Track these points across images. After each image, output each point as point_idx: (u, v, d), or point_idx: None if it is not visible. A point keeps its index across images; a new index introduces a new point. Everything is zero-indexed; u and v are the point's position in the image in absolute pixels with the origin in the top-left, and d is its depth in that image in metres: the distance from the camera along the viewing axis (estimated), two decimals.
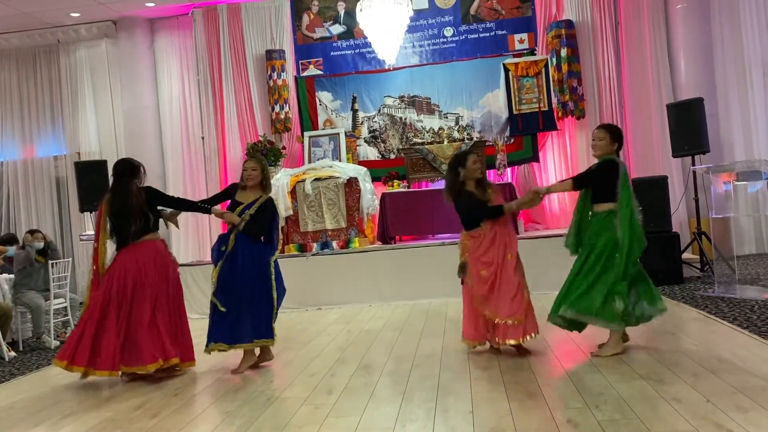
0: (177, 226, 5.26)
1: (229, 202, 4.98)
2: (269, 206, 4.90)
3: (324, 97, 9.82)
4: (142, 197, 4.73)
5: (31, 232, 7.06)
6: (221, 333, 4.73)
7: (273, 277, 4.80)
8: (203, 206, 5.07)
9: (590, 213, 4.46)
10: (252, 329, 4.73)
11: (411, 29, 9.15)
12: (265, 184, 4.95)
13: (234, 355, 4.95)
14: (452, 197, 4.65)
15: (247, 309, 4.72)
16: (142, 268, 4.69)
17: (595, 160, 4.52)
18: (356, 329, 6.08)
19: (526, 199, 4.68)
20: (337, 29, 9.92)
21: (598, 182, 4.39)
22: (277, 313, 4.84)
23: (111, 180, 5.00)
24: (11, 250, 7.23)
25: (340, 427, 3.37)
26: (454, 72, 9.54)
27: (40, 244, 6.97)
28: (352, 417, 3.49)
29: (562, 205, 9.20)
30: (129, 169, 4.84)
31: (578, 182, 4.52)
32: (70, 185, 10.17)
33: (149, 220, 4.77)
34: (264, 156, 9.12)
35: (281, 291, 4.89)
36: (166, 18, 10.33)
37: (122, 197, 4.72)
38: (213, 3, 9.93)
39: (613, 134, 4.43)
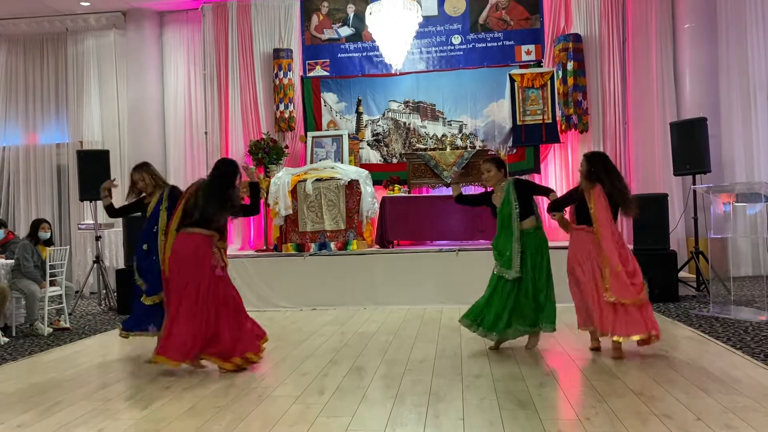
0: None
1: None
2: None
3: (329, 98, 9.84)
4: None
5: (39, 221, 7.07)
6: None
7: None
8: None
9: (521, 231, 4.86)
10: None
11: (419, 35, 9.20)
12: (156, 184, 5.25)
13: None
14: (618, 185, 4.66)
15: None
16: None
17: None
18: (350, 331, 6.08)
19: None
20: (345, 31, 9.95)
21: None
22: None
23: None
24: None
25: (330, 428, 3.37)
26: (460, 80, 9.57)
27: (47, 235, 6.98)
28: (343, 418, 3.50)
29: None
30: None
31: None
32: (71, 173, 10.18)
33: None
34: (266, 154, 9.13)
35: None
36: (176, 12, 10.37)
37: None
38: None
39: (499, 164, 5.05)
